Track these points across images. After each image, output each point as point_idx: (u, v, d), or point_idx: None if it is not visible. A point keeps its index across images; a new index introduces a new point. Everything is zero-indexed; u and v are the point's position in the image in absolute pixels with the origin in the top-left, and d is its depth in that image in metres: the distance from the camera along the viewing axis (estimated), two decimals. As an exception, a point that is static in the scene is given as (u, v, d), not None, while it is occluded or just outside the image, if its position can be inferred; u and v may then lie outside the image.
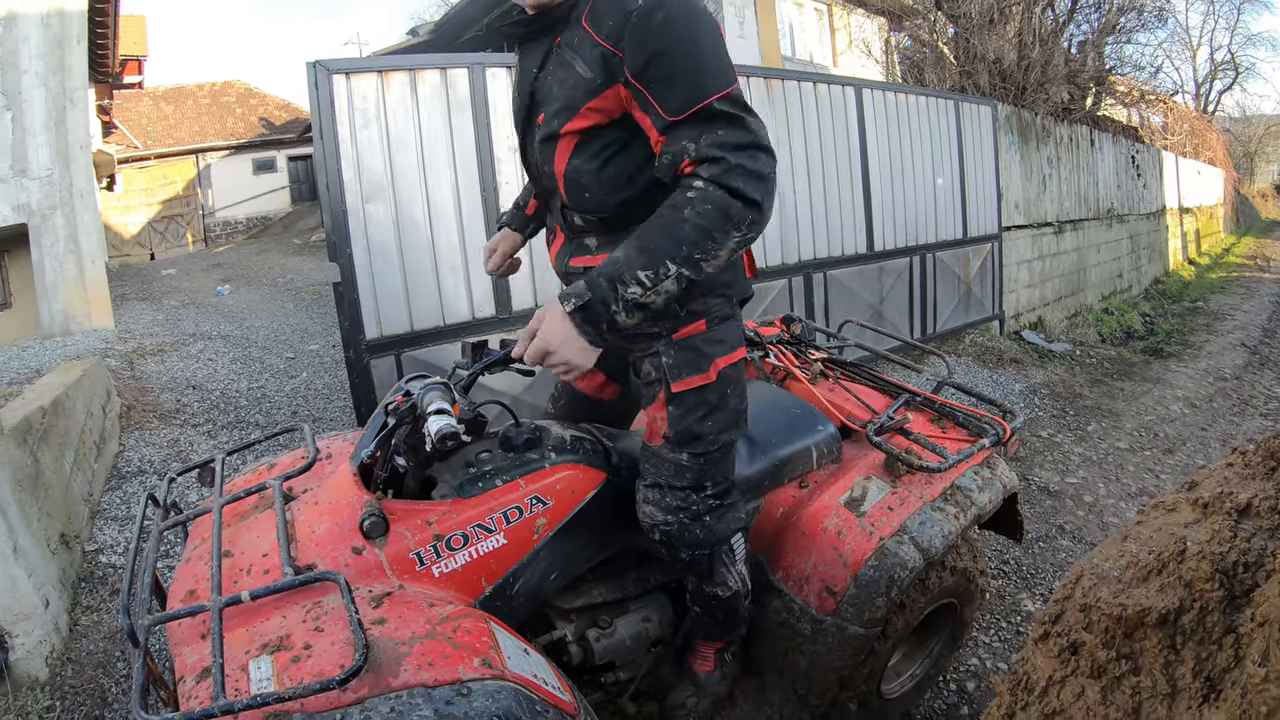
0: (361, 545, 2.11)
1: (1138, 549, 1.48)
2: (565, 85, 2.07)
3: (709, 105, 1.89)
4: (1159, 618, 1.35)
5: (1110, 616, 1.42)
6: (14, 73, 9.03)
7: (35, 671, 4.02)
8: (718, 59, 1.94)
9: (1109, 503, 5.84)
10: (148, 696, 1.75)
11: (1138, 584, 1.42)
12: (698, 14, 1.94)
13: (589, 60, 2.00)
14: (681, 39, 1.90)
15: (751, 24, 17.12)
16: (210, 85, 33.01)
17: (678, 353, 2.30)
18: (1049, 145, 12.80)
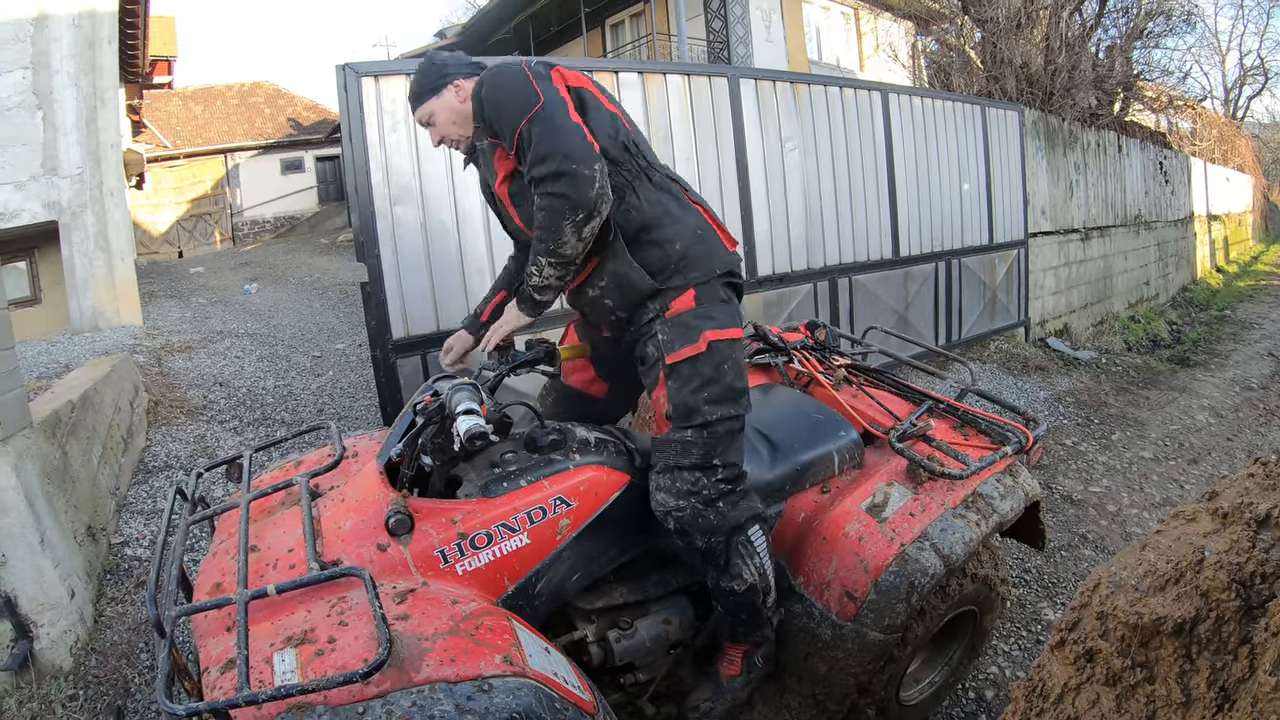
0: (387, 542, 2.15)
1: (1156, 558, 1.48)
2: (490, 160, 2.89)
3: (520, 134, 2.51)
4: (1175, 627, 1.36)
5: (1126, 625, 1.43)
6: (46, 73, 9.12)
7: (59, 661, 4.07)
8: (518, 96, 2.56)
9: (1132, 512, 5.79)
10: (172, 686, 1.78)
11: (1155, 593, 1.43)
12: (501, 79, 2.64)
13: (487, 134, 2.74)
14: (496, 94, 2.62)
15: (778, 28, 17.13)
16: (239, 86, 33.26)
17: (670, 329, 2.61)
18: (1076, 151, 12.72)
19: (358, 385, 8.19)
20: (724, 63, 16.03)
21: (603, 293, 2.73)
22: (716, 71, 6.60)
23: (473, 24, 20.96)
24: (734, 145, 6.53)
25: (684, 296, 2.65)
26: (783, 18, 17.46)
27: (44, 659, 4.05)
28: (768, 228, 6.83)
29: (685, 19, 15.31)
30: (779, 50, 17.24)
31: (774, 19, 17.25)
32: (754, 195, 6.68)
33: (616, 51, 19.20)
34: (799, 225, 7.12)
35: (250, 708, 1.66)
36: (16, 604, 3.99)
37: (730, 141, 6.51)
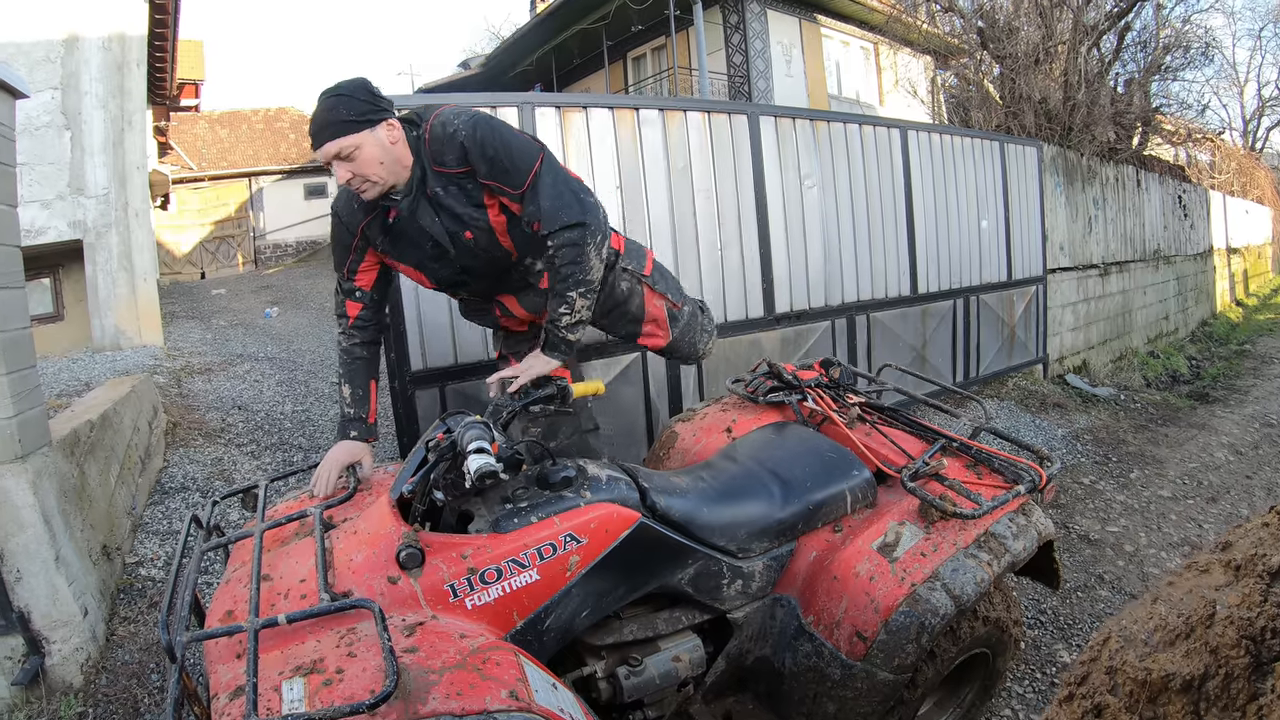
0: (397, 575, 2.17)
1: (1167, 611, 1.48)
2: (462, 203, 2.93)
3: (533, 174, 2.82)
4: (1183, 683, 1.35)
5: (1135, 680, 1.43)
6: (74, 94, 9.24)
7: (70, 678, 4.10)
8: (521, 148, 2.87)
9: (1150, 552, 5.75)
10: (181, 711, 1.80)
11: (1165, 648, 1.42)
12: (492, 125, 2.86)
13: (457, 183, 2.90)
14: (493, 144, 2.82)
15: (798, 63, 17.23)
16: (265, 111, 33.57)
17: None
18: (1095, 186, 12.71)
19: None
20: (744, 97, 16.13)
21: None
22: (736, 109, 6.64)
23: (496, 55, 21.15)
24: (753, 182, 6.56)
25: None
26: (803, 52, 17.56)
27: (55, 675, 4.09)
28: (786, 265, 6.84)
29: (706, 53, 15.40)
30: (799, 84, 17.33)
31: (794, 53, 17.34)
32: (773, 232, 6.70)
33: (638, 85, 19.32)
34: (817, 262, 7.13)
35: None
36: (29, 620, 4.03)
37: (750, 178, 6.54)
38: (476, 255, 3.06)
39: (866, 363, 7.66)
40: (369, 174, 2.78)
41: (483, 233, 2.99)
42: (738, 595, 2.82)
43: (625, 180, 5.80)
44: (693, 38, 15.70)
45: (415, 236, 3.01)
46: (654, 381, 6.03)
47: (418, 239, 3.02)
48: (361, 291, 3.15)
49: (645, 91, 18.50)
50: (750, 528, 2.81)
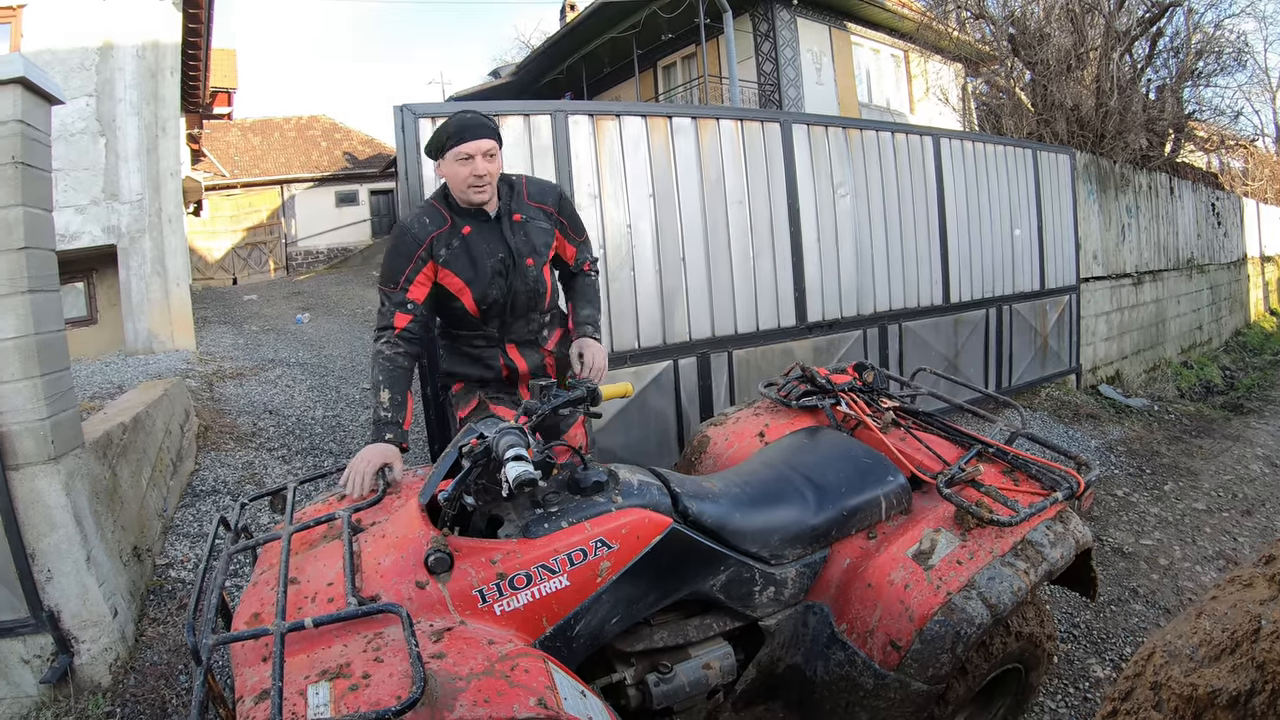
0: (425, 580, 2.15)
1: (1211, 626, 1.45)
2: (539, 235, 3.50)
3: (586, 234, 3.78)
4: (1229, 699, 1.32)
5: (1180, 696, 1.39)
6: (109, 101, 9.34)
7: (99, 677, 4.12)
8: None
9: (1184, 566, 5.67)
10: (206, 713, 1.79)
11: (1210, 663, 1.39)
12: None
13: (545, 219, 3.53)
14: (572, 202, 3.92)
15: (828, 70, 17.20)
16: (297, 119, 33.87)
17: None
18: (1128, 194, 12.61)
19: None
20: (775, 105, 16.11)
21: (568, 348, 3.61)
22: (769, 117, 6.63)
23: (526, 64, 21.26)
24: (786, 190, 6.55)
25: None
26: (833, 60, 17.53)
27: (83, 675, 4.11)
28: (818, 273, 6.82)
29: (736, 61, 15.40)
30: (830, 92, 17.30)
31: (825, 61, 17.32)
32: (805, 240, 6.68)
33: (668, 93, 19.35)
34: (850, 271, 7.10)
35: None
36: (59, 619, 4.05)
37: (782, 186, 6.53)
38: (525, 283, 3.45)
39: (899, 372, 7.60)
40: (493, 174, 3.29)
41: (539, 264, 3.48)
42: (770, 602, 2.79)
43: (658, 188, 5.81)
44: (723, 46, 15.72)
45: (486, 251, 3.37)
46: (685, 388, 6.02)
47: (487, 253, 3.37)
48: (413, 304, 3.32)
49: (676, 99, 18.52)
50: (783, 534, 2.78)
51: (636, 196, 5.71)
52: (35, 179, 4.18)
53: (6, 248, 4.01)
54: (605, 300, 5.59)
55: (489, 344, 3.59)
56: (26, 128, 4.09)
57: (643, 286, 5.79)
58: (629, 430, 5.76)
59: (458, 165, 3.22)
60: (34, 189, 4.17)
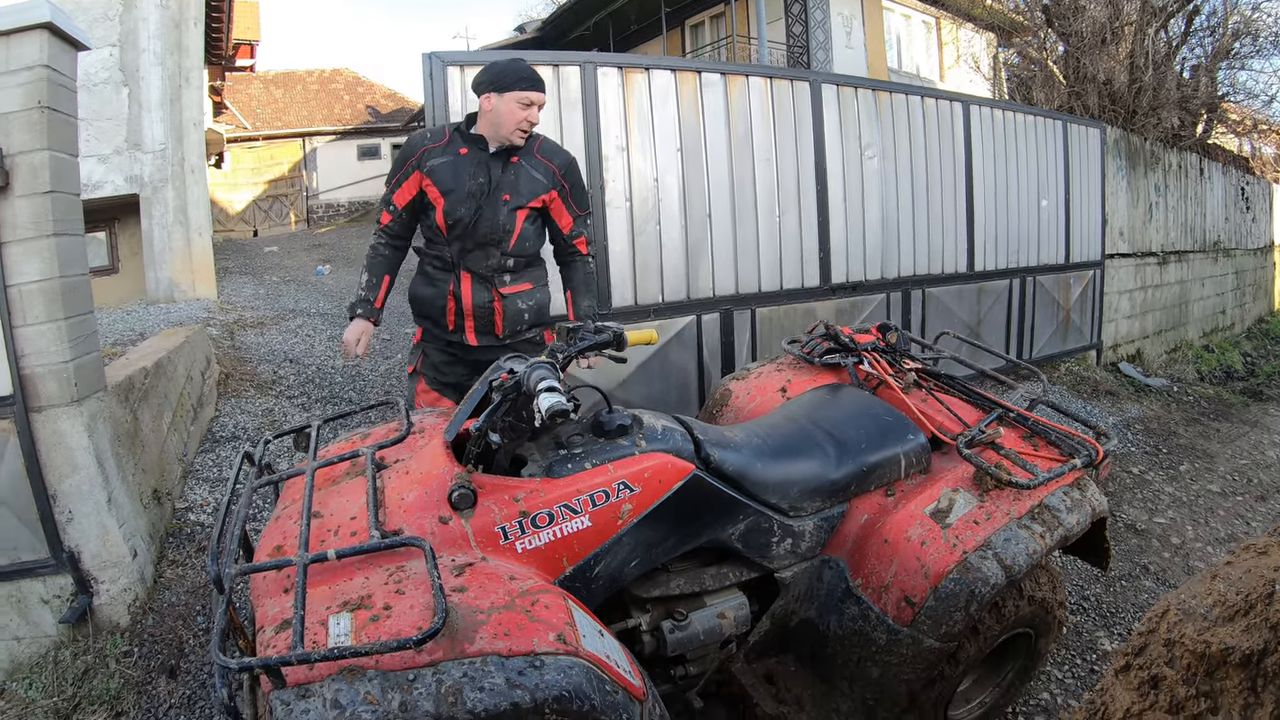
0: (449, 515, 2.17)
1: (1226, 588, 1.46)
2: (529, 182, 3.70)
3: (588, 212, 3.95)
4: (1242, 658, 1.33)
5: (1193, 653, 1.40)
6: (133, 51, 9.34)
7: (117, 618, 4.17)
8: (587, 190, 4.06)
9: (1196, 546, 5.67)
10: (227, 641, 1.81)
11: (1223, 623, 1.40)
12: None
13: (544, 174, 3.73)
14: (582, 177, 3.97)
15: (858, 34, 17.04)
16: (319, 72, 33.78)
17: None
18: (1157, 172, 12.50)
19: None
20: (803, 67, 15.99)
21: (528, 308, 3.87)
22: (798, 76, 6.61)
23: (553, 19, 21.09)
24: (813, 150, 6.52)
25: (550, 333, 3.86)
26: (864, 24, 17.36)
27: (102, 615, 4.16)
28: (844, 235, 6.80)
29: (766, 22, 15.27)
30: (859, 57, 17.14)
31: (855, 25, 17.15)
32: (832, 201, 6.66)
33: (695, 52, 19.20)
34: (875, 234, 7.08)
35: (302, 666, 1.69)
36: (79, 560, 4.09)
37: (810, 146, 6.50)
38: (494, 215, 3.68)
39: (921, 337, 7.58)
40: (536, 123, 3.67)
41: (517, 205, 3.70)
42: (787, 554, 2.80)
43: (686, 143, 5.79)
44: (752, 6, 15.59)
45: (470, 173, 3.66)
46: (707, 344, 6.03)
47: (469, 175, 3.66)
48: (394, 206, 3.81)
49: (703, 59, 18.37)
50: (803, 486, 2.79)
51: (664, 151, 5.71)
52: (61, 124, 4.19)
53: (32, 191, 4.03)
54: (630, 253, 5.66)
55: (445, 268, 3.84)
56: (52, 73, 4.10)
57: (668, 241, 5.79)
58: (650, 383, 5.79)
59: (517, 107, 3.56)
60: (60, 133, 4.18)
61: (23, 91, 4.04)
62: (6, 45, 4.04)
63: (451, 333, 3.87)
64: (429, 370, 3.99)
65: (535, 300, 3.92)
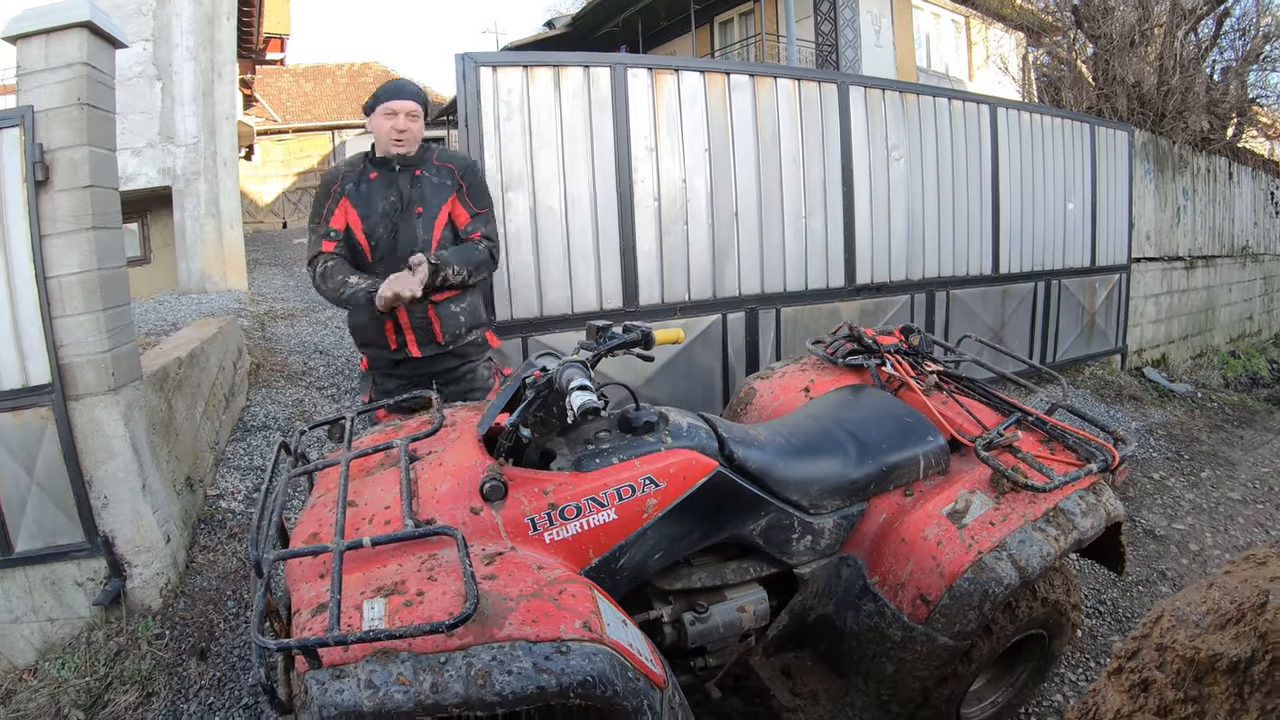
0: (480, 506, 2.25)
1: (1220, 596, 1.50)
2: (435, 191, 3.82)
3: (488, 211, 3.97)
4: (1230, 664, 1.37)
5: (1183, 658, 1.45)
6: (166, 45, 9.45)
7: (149, 601, 4.27)
8: (489, 192, 4.10)
9: (1214, 553, 5.65)
10: (264, 624, 1.88)
11: (1215, 630, 1.44)
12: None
13: (446, 177, 3.85)
14: (483, 178, 4.05)
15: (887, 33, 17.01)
16: (349, 66, 33.94)
17: (499, 355, 3.99)
18: (1185, 176, 12.41)
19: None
20: (832, 65, 15.99)
21: (461, 310, 3.88)
22: (826, 77, 6.63)
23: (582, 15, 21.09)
24: (840, 151, 6.55)
25: (491, 334, 4.15)
26: (893, 23, 17.33)
27: (134, 598, 4.25)
28: (869, 236, 6.83)
29: (795, 20, 15.26)
30: (888, 56, 17.11)
31: (884, 24, 17.13)
32: (858, 202, 6.69)
33: (724, 50, 19.21)
34: (900, 235, 7.10)
35: (338, 648, 1.77)
36: (113, 544, 4.19)
37: (837, 147, 6.53)
38: (411, 229, 3.81)
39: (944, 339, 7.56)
40: (414, 134, 3.80)
41: (431, 214, 3.83)
42: (806, 551, 2.86)
43: (714, 143, 5.84)
44: (781, 4, 15.58)
45: (382, 194, 3.81)
46: (732, 343, 6.08)
47: (382, 196, 3.80)
48: (335, 231, 3.85)
49: (732, 56, 18.39)
50: (824, 484, 2.85)
51: (692, 151, 5.75)
52: (100, 120, 4.28)
53: (72, 186, 4.12)
54: (658, 252, 5.71)
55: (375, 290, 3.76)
56: (92, 70, 4.19)
57: (695, 240, 5.84)
58: (676, 381, 5.85)
59: (384, 119, 3.76)
60: (98, 129, 4.27)
61: (63, 88, 4.13)
62: (46, 43, 4.13)
63: (395, 351, 3.89)
64: (382, 397, 3.90)
65: (468, 302, 3.95)
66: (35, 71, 4.16)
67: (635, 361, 3.03)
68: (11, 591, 4.24)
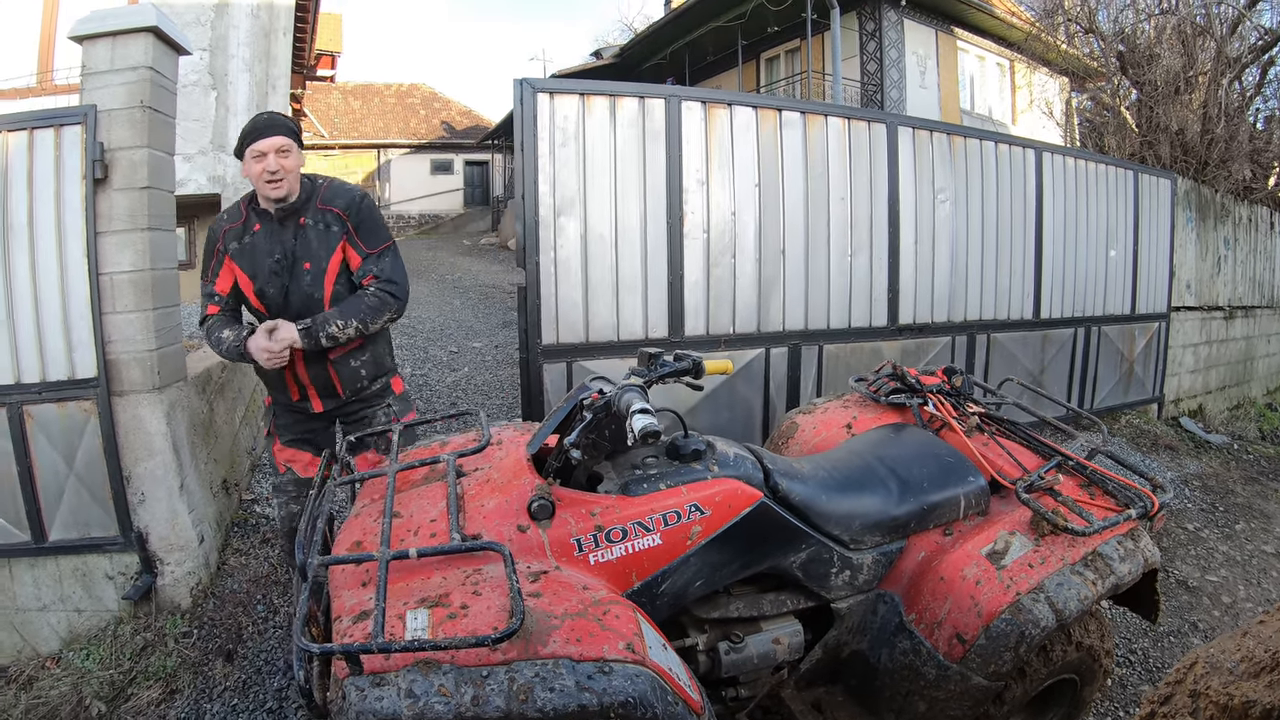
0: (527, 525, 2.29)
1: (1254, 645, 1.50)
2: (321, 241, 3.54)
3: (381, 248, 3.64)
4: (1263, 712, 1.37)
5: (1216, 705, 1.45)
6: (223, 56, 9.60)
7: (179, 599, 4.36)
8: (385, 227, 3.76)
9: (1246, 606, 5.61)
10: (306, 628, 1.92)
11: (1249, 678, 1.44)
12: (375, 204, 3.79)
13: (333, 222, 3.56)
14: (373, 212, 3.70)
15: (932, 74, 17.04)
16: (397, 86, 34.35)
17: (399, 402, 3.91)
18: (1227, 225, 12.33)
19: (491, 384, 8.40)
20: (876, 105, 16.01)
21: (362, 364, 3.69)
22: (875, 117, 6.67)
23: (630, 46, 21.26)
24: (887, 191, 6.56)
25: (397, 380, 3.96)
26: (938, 65, 17.36)
27: (164, 595, 4.34)
28: (913, 276, 6.83)
29: (841, 59, 15.30)
30: (932, 97, 17.13)
31: (929, 65, 17.15)
32: (903, 242, 6.70)
33: (770, 86, 19.29)
34: (943, 277, 7.09)
35: (379, 656, 1.81)
36: (147, 540, 4.28)
37: (884, 187, 6.55)
38: (300, 287, 3.55)
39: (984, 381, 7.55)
40: (289, 170, 3.46)
41: (319, 270, 3.55)
42: (844, 585, 2.87)
43: (764, 178, 5.88)
44: (828, 42, 15.62)
45: (266, 249, 3.55)
46: (774, 378, 6.09)
47: (267, 252, 3.55)
48: (219, 296, 3.63)
49: (778, 93, 18.43)
50: (865, 520, 2.86)
51: (742, 185, 5.79)
52: (160, 123, 4.39)
53: (129, 186, 4.22)
54: (705, 284, 5.73)
55: None
56: (155, 74, 4.30)
57: (742, 274, 5.86)
58: (718, 412, 5.86)
59: (253, 162, 3.42)
60: (159, 133, 4.38)
61: (126, 90, 4.24)
62: (113, 46, 4.24)
63: (298, 403, 3.73)
64: (282, 431, 3.82)
65: (369, 354, 3.72)
66: (100, 72, 4.27)
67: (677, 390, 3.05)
68: (41, 579, 4.32)
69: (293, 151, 3.48)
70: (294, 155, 3.49)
